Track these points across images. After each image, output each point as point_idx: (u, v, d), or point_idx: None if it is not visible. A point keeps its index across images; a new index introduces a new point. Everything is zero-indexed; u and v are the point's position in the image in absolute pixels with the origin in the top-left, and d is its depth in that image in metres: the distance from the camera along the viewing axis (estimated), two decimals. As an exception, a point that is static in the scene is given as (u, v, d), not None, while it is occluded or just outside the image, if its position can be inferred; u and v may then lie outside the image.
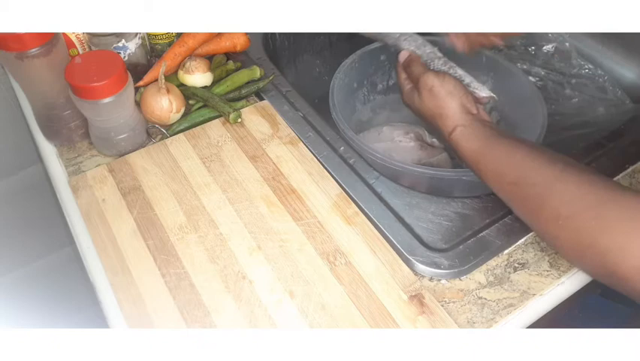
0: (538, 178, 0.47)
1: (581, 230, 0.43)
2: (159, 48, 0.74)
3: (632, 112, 0.75)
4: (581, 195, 0.44)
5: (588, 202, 0.43)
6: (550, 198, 0.45)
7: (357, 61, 0.73)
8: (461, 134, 0.53)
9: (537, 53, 0.83)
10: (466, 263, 0.54)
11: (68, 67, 0.57)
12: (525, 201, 0.48)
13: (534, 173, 0.47)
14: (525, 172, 0.48)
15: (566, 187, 0.45)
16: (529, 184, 0.47)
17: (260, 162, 0.63)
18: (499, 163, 0.50)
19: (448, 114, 0.55)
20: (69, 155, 0.65)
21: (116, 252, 0.54)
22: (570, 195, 0.44)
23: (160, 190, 0.60)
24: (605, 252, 0.41)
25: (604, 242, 0.41)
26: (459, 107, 0.55)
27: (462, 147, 0.53)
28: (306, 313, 0.50)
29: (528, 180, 0.47)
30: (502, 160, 0.50)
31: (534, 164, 0.48)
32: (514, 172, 0.48)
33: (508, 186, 0.49)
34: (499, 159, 0.50)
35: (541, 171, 0.47)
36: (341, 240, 0.56)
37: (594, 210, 0.43)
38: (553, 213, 0.45)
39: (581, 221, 0.43)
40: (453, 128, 0.54)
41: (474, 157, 0.52)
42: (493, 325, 0.51)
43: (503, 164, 0.50)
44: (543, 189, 0.46)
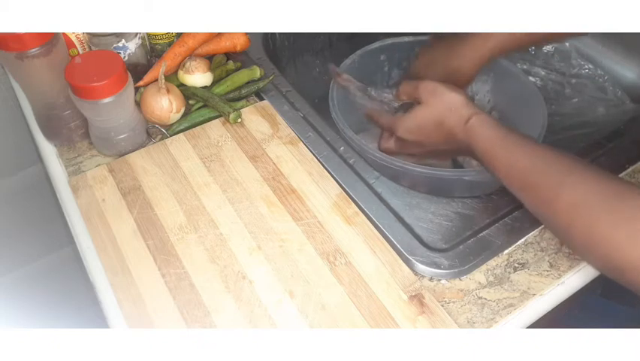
0: (552, 168, 0.47)
1: (595, 220, 0.43)
2: (159, 48, 0.74)
3: (632, 112, 0.75)
4: (596, 186, 0.44)
5: (603, 193, 0.44)
6: (564, 189, 0.45)
7: (357, 61, 0.73)
8: (478, 120, 0.53)
9: (537, 53, 0.83)
10: (466, 263, 0.54)
11: (68, 67, 0.57)
12: (538, 192, 0.48)
13: (548, 163, 0.47)
14: (539, 161, 0.48)
15: (581, 179, 0.45)
16: (544, 173, 0.47)
17: (260, 162, 0.63)
18: (514, 150, 0.50)
19: (462, 105, 0.54)
20: (69, 155, 0.65)
21: (116, 252, 0.54)
22: (585, 186, 0.45)
23: (160, 190, 0.60)
24: (616, 243, 0.42)
25: (616, 233, 0.42)
26: (468, 99, 0.55)
27: (479, 134, 0.52)
28: (306, 313, 0.50)
29: (542, 169, 0.47)
30: (517, 148, 0.50)
31: (547, 153, 0.48)
32: (529, 160, 0.48)
33: (522, 173, 0.49)
34: (514, 146, 0.50)
35: (555, 161, 0.47)
36: (341, 240, 0.56)
37: (609, 202, 0.43)
38: (568, 203, 0.45)
39: (595, 211, 0.43)
40: (469, 115, 0.53)
41: (489, 144, 0.51)
42: (493, 325, 0.51)
43: (518, 151, 0.50)
44: (558, 178, 0.46)
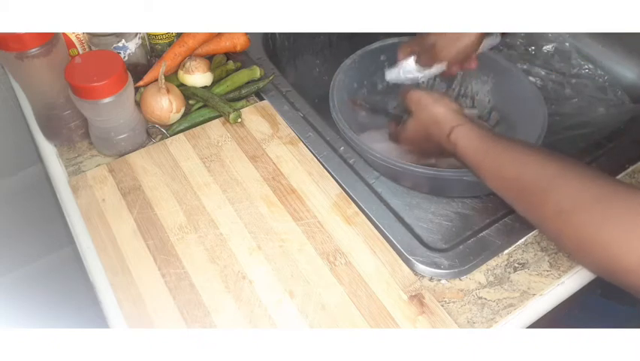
0: (540, 173, 0.47)
1: (584, 224, 0.43)
2: (159, 48, 0.74)
3: (632, 112, 0.75)
4: (584, 190, 0.44)
5: (591, 197, 0.43)
6: (552, 193, 0.45)
7: (358, 61, 0.73)
8: (460, 132, 0.54)
9: (537, 53, 0.83)
10: (466, 263, 0.54)
11: (68, 67, 0.57)
12: (527, 197, 0.48)
13: (535, 168, 0.47)
14: (526, 167, 0.48)
15: (568, 182, 0.45)
16: (531, 179, 0.47)
17: (260, 162, 0.63)
18: (500, 159, 0.50)
19: (444, 118, 0.56)
20: (69, 155, 0.65)
21: (116, 252, 0.54)
22: (572, 190, 0.44)
23: (160, 190, 0.60)
24: (608, 246, 0.42)
25: (607, 236, 0.42)
26: (451, 111, 0.56)
27: (461, 146, 0.53)
28: (306, 313, 0.50)
29: (529, 175, 0.47)
30: (503, 156, 0.50)
31: (534, 159, 0.48)
32: (515, 168, 0.48)
33: (509, 182, 0.49)
34: (500, 155, 0.50)
35: (542, 166, 0.47)
36: (341, 240, 0.56)
37: (597, 205, 0.43)
38: (556, 207, 0.45)
39: (584, 215, 0.43)
40: (450, 129, 0.54)
41: (473, 155, 0.52)
42: (493, 325, 0.51)
43: (504, 160, 0.50)
44: (545, 184, 0.46)
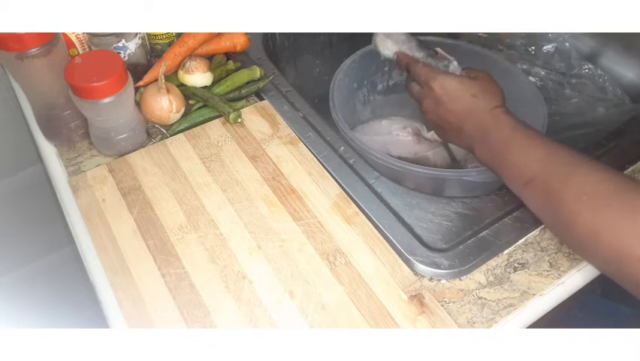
0: (566, 160, 0.49)
1: (602, 209, 0.44)
2: (159, 48, 0.74)
3: (632, 112, 0.75)
4: (608, 179, 0.46)
5: (614, 185, 0.45)
6: (577, 176, 0.47)
7: (358, 61, 0.73)
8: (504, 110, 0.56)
9: (537, 53, 0.83)
10: (466, 263, 0.54)
11: (68, 67, 0.57)
12: (550, 178, 0.49)
13: (562, 154, 0.50)
14: (554, 151, 0.50)
15: (593, 169, 0.47)
16: (558, 161, 0.49)
17: (260, 162, 0.63)
18: (531, 142, 0.52)
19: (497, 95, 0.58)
20: (69, 155, 0.65)
21: (116, 252, 0.54)
22: (596, 178, 0.46)
23: (160, 190, 0.60)
24: (622, 234, 0.43)
25: (623, 224, 0.43)
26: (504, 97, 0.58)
27: (502, 120, 0.55)
28: (306, 313, 0.50)
29: (556, 158, 0.49)
30: (534, 140, 0.52)
31: (560, 147, 0.50)
32: (544, 150, 0.50)
33: (535, 164, 0.50)
34: (531, 138, 0.52)
35: (568, 154, 0.49)
36: (341, 240, 0.56)
37: (620, 193, 0.44)
38: (576, 191, 0.46)
39: (605, 201, 0.45)
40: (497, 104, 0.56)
41: (509, 132, 0.54)
42: (493, 325, 0.51)
43: (534, 142, 0.52)
44: (571, 168, 0.48)
